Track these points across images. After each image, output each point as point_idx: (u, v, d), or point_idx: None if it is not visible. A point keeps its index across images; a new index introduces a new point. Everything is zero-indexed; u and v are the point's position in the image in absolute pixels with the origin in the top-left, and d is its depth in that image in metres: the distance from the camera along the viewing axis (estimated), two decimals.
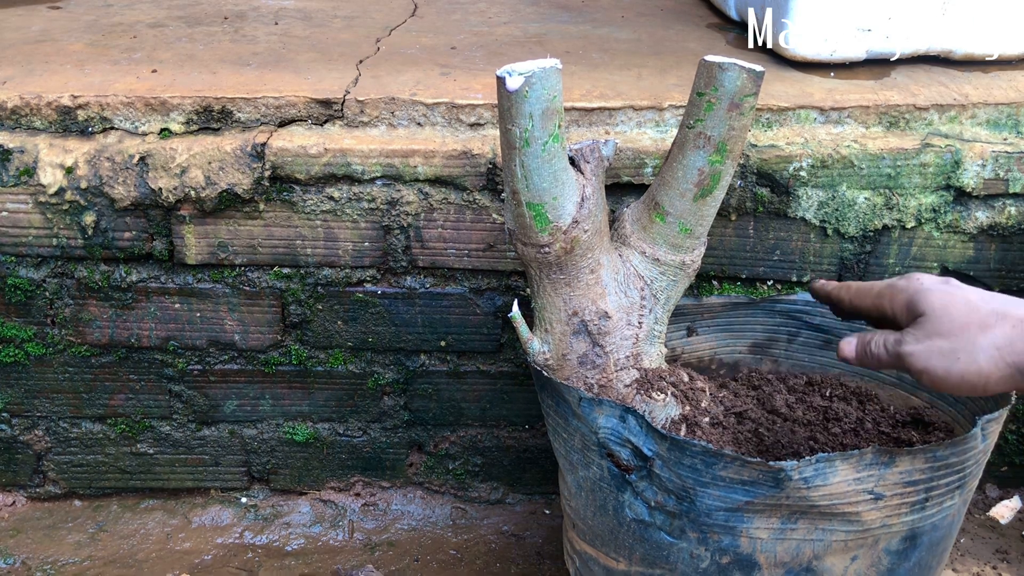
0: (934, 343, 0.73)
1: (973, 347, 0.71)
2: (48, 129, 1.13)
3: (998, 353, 0.70)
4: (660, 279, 0.90)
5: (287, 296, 1.16)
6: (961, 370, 0.71)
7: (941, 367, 0.72)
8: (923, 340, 0.73)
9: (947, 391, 0.73)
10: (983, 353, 0.70)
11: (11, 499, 1.27)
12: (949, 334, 0.72)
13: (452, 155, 1.09)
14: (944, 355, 0.72)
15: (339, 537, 1.23)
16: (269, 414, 1.23)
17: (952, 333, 0.72)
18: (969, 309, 0.72)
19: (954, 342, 0.72)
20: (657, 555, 0.86)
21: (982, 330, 0.71)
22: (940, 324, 0.73)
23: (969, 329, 0.71)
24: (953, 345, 0.72)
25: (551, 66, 0.77)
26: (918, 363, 0.73)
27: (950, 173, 1.11)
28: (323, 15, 1.51)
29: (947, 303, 0.74)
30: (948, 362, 0.71)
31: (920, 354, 0.73)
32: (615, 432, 0.83)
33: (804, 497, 0.78)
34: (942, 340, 0.72)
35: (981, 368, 0.70)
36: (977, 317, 0.72)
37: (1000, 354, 0.70)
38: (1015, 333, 0.70)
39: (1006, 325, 0.71)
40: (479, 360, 1.20)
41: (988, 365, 0.70)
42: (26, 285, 1.15)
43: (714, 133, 0.82)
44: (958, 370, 0.71)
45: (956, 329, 0.72)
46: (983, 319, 0.71)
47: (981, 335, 0.71)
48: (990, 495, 1.28)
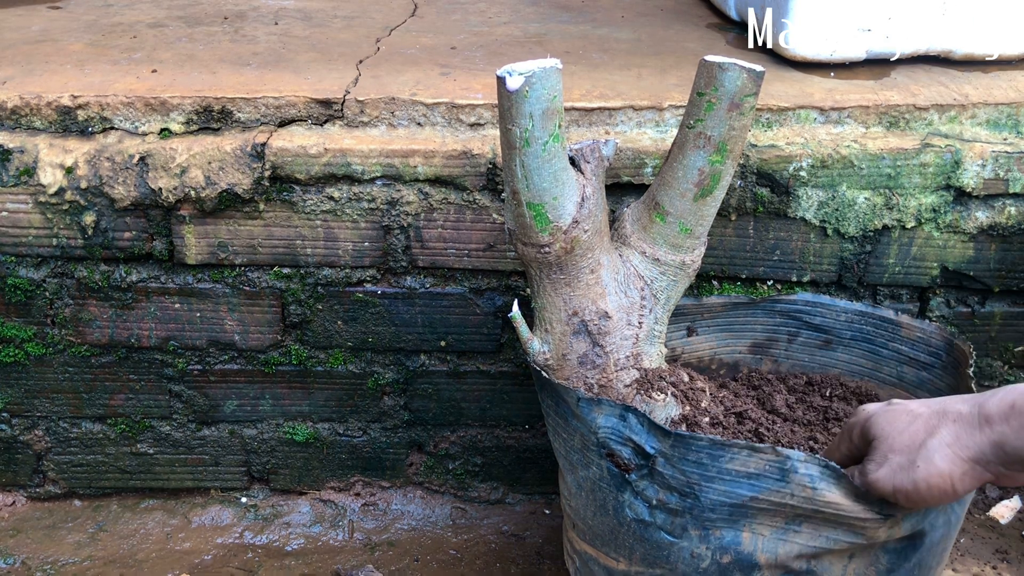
0: (892, 461, 0.74)
1: (926, 451, 0.72)
2: (48, 129, 1.13)
3: (950, 451, 0.71)
4: (660, 279, 0.90)
5: (287, 296, 1.16)
6: (924, 477, 0.72)
7: (907, 481, 0.73)
8: (882, 463, 0.75)
9: (923, 504, 0.74)
10: (937, 454, 0.71)
11: (11, 499, 1.27)
12: (901, 449, 0.74)
13: (452, 155, 1.09)
14: (904, 469, 0.73)
15: (339, 537, 1.23)
16: (269, 414, 1.23)
17: (903, 446, 0.74)
18: (912, 419, 0.74)
19: (908, 454, 0.73)
20: (657, 555, 0.86)
21: (929, 434, 0.72)
22: (892, 442, 0.74)
23: (917, 437, 0.73)
24: (908, 457, 0.73)
25: (551, 66, 0.77)
26: (887, 486, 0.74)
27: (950, 173, 1.11)
28: (323, 15, 1.51)
29: (891, 420, 0.75)
30: (910, 474, 0.72)
31: (884, 477, 0.74)
32: (615, 431, 0.83)
33: (809, 499, 0.78)
34: (897, 456, 0.74)
35: (941, 470, 0.71)
36: (921, 424, 0.73)
37: (952, 451, 0.71)
38: (958, 428, 0.71)
39: (948, 422, 0.72)
40: (479, 360, 1.20)
41: (945, 464, 0.71)
42: (26, 285, 1.15)
43: (714, 133, 0.82)
44: (922, 478, 0.72)
45: (906, 441, 0.73)
46: (927, 424, 0.73)
47: (930, 439, 0.72)
48: (990, 495, 1.28)
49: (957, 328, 1.18)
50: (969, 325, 1.19)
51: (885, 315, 1.06)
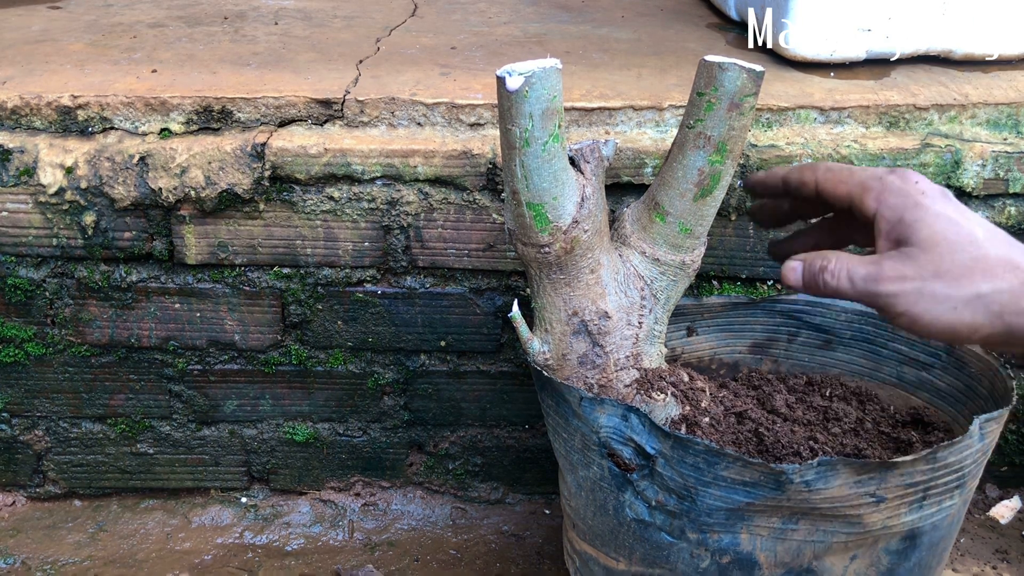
0: (927, 285, 0.62)
1: (974, 298, 0.61)
2: (48, 129, 1.13)
3: (1000, 309, 0.61)
4: (660, 279, 0.90)
5: (287, 296, 1.16)
6: (952, 320, 0.61)
7: (929, 313, 0.62)
8: (911, 280, 0.62)
9: (923, 336, 0.63)
10: (983, 307, 0.61)
11: (11, 499, 1.27)
12: (948, 277, 0.61)
13: (452, 155, 1.09)
14: (937, 300, 0.61)
15: (339, 537, 1.23)
16: (269, 414, 1.23)
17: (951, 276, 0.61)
18: (975, 249, 0.62)
19: (952, 288, 0.61)
20: (657, 555, 0.86)
21: (986, 279, 0.61)
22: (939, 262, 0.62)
23: (973, 276, 0.61)
24: (950, 291, 0.61)
25: (551, 66, 0.77)
26: (899, 306, 0.62)
27: (950, 173, 1.11)
28: (323, 15, 1.51)
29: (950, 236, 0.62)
30: (940, 309, 0.61)
31: (906, 295, 0.62)
32: (617, 431, 0.83)
33: (805, 500, 0.78)
34: (938, 283, 0.62)
35: (975, 320, 0.61)
36: (984, 262, 0.61)
37: (1002, 310, 0.61)
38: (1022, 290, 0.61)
39: (1014, 279, 0.61)
40: (479, 360, 1.20)
41: (984, 319, 0.61)
42: (26, 285, 1.15)
43: (714, 133, 0.82)
44: (948, 319, 0.61)
45: (957, 273, 0.61)
46: (990, 266, 0.61)
47: (985, 284, 0.61)
48: (990, 495, 1.28)
49: None
50: None
51: None
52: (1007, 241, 0.63)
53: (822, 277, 0.66)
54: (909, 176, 0.66)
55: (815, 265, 0.67)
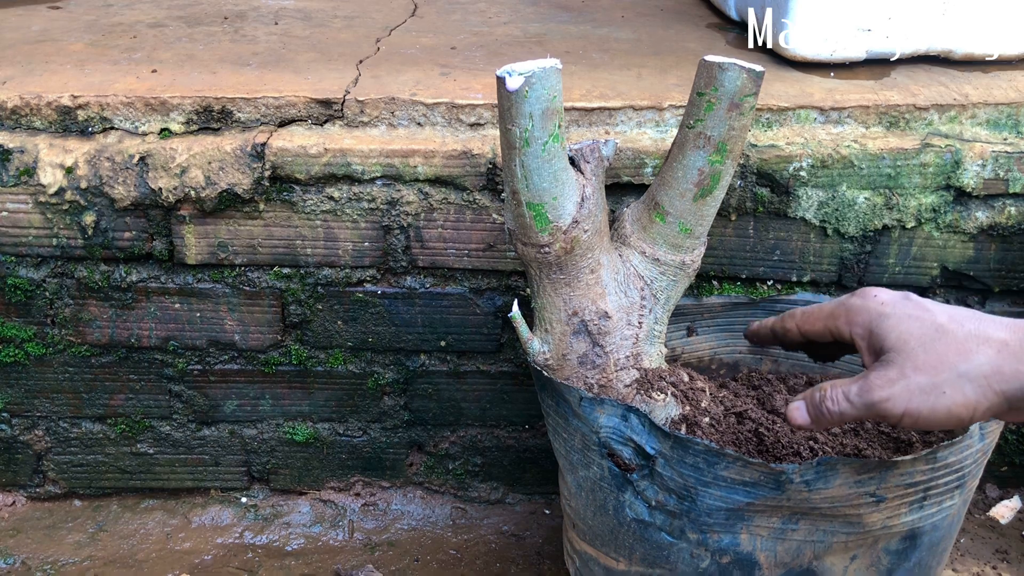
0: (911, 381, 0.65)
1: (957, 378, 0.64)
2: (48, 129, 1.13)
3: (986, 382, 0.64)
4: (660, 279, 0.90)
5: (287, 296, 1.16)
6: (948, 405, 0.64)
7: (926, 406, 0.65)
8: (897, 381, 0.66)
9: (928, 428, 0.67)
10: (970, 385, 0.64)
11: (11, 499, 1.27)
12: (927, 368, 0.65)
13: (452, 155, 1.09)
14: (926, 392, 0.65)
15: (339, 537, 1.23)
16: (269, 414, 1.23)
17: (930, 367, 0.65)
18: (940, 335, 0.66)
19: (935, 376, 0.65)
20: (657, 555, 0.86)
21: (963, 358, 0.65)
22: (915, 358, 0.66)
23: (948, 359, 0.65)
24: (934, 380, 0.65)
25: (551, 66, 0.77)
26: (897, 407, 0.66)
27: (950, 173, 1.11)
28: (323, 15, 1.51)
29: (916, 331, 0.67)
30: (932, 399, 0.65)
31: (898, 396, 0.66)
32: (617, 431, 0.83)
33: (805, 499, 0.78)
34: (920, 376, 0.65)
35: (968, 399, 0.64)
36: (955, 344, 0.65)
37: (988, 382, 0.64)
38: (1001, 358, 0.64)
39: (989, 350, 0.65)
40: (479, 360, 1.20)
41: (976, 395, 0.64)
42: (26, 285, 1.15)
43: (714, 133, 0.82)
44: (944, 406, 0.64)
45: (934, 361, 0.65)
46: (961, 345, 0.65)
47: (963, 363, 0.65)
48: (990, 495, 1.28)
49: None
50: None
51: None
52: (973, 317, 0.67)
53: (824, 407, 0.70)
54: (868, 292, 0.72)
55: (815, 398, 0.71)
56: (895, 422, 0.67)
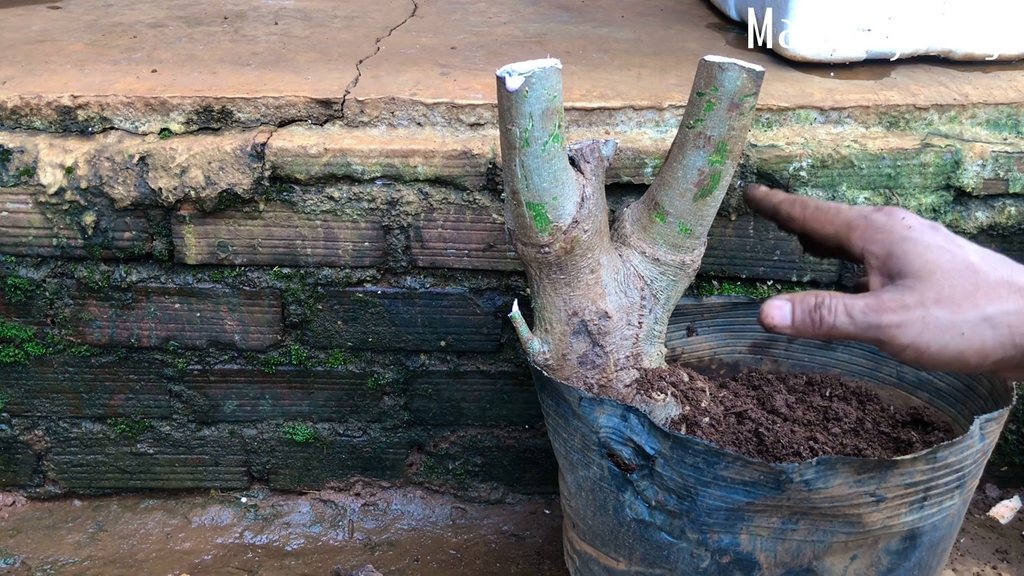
0: (930, 313, 0.60)
1: (981, 321, 0.59)
2: (48, 129, 1.13)
3: (1008, 331, 0.59)
4: (660, 279, 0.90)
5: (287, 296, 1.16)
6: (961, 347, 0.60)
7: (937, 342, 0.60)
8: (914, 308, 0.60)
9: (933, 368, 0.61)
10: (992, 330, 0.59)
11: (11, 499, 1.27)
12: (950, 302, 0.60)
13: (452, 155, 1.09)
14: (943, 328, 0.60)
15: (339, 537, 1.23)
16: (269, 414, 1.23)
17: (954, 302, 0.60)
18: (974, 274, 0.61)
19: (957, 313, 0.60)
20: (657, 555, 0.86)
21: (991, 301, 0.59)
22: (938, 289, 0.60)
23: (976, 299, 0.60)
24: (955, 317, 0.59)
25: (551, 66, 0.77)
26: (904, 337, 0.60)
27: (950, 173, 1.11)
28: (323, 15, 1.51)
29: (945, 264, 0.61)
30: (947, 337, 0.60)
31: (910, 326, 0.60)
32: (617, 431, 0.83)
33: (805, 499, 0.78)
34: (941, 310, 0.60)
35: (985, 345, 0.59)
36: (985, 286, 0.60)
37: (1011, 331, 0.59)
38: None
39: (1020, 299, 0.59)
40: (479, 360, 1.20)
41: (994, 343, 0.59)
42: (26, 285, 1.15)
43: (714, 133, 0.82)
44: (956, 346, 0.59)
45: (959, 298, 0.60)
46: (992, 289, 0.60)
47: (990, 306, 0.59)
48: (990, 495, 1.28)
49: None
50: None
51: None
52: (1005, 263, 0.62)
53: (818, 314, 0.64)
54: (895, 212, 0.66)
55: (808, 302, 0.65)
56: (895, 352, 0.61)
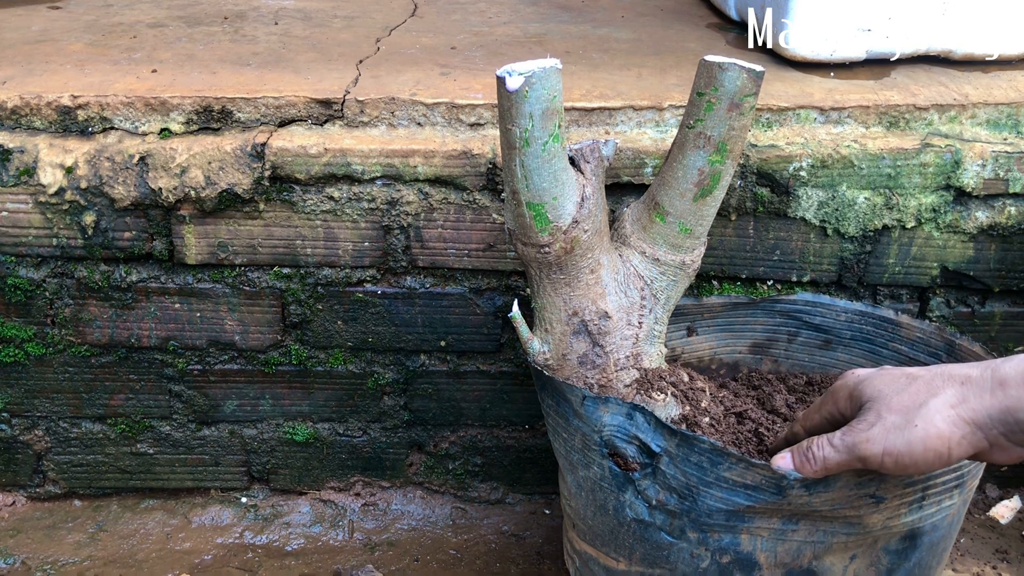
0: (886, 421, 0.70)
1: (927, 411, 0.68)
2: (48, 129, 1.13)
3: (954, 412, 0.68)
4: (660, 279, 0.90)
5: (287, 296, 1.16)
6: (922, 438, 0.68)
7: (901, 441, 0.69)
8: (875, 423, 0.71)
9: (912, 469, 0.70)
10: (938, 415, 0.68)
11: (11, 499, 1.27)
12: (899, 408, 0.70)
13: (452, 155, 1.09)
14: (899, 428, 0.69)
15: (339, 537, 1.23)
16: (269, 414, 1.23)
17: (901, 406, 0.70)
18: (912, 380, 0.71)
19: (906, 414, 0.69)
20: (657, 555, 0.86)
21: (931, 394, 0.69)
22: (888, 402, 0.71)
23: (917, 397, 0.70)
24: (905, 417, 0.69)
25: (551, 66, 0.77)
26: (876, 446, 0.70)
27: (950, 173, 1.11)
28: (323, 15, 1.51)
29: (889, 383, 0.72)
30: (904, 434, 0.69)
31: (876, 436, 0.70)
32: (622, 429, 0.83)
33: (806, 503, 0.78)
34: (894, 415, 0.70)
35: (940, 431, 0.68)
36: (922, 385, 0.70)
37: (956, 412, 0.68)
38: (965, 390, 0.68)
39: (954, 384, 0.69)
40: (479, 360, 1.20)
41: (946, 426, 0.68)
42: (26, 285, 1.15)
43: (714, 133, 0.82)
44: (918, 439, 0.68)
45: (905, 401, 0.70)
46: (928, 385, 0.70)
47: (932, 399, 0.69)
48: (990, 495, 1.28)
49: (957, 328, 1.18)
50: (969, 325, 1.19)
51: (885, 315, 1.06)
52: (943, 366, 0.72)
53: (810, 453, 0.75)
54: (847, 374, 0.78)
55: (802, 446, 0.76)
56: (877, 465, 0.71)
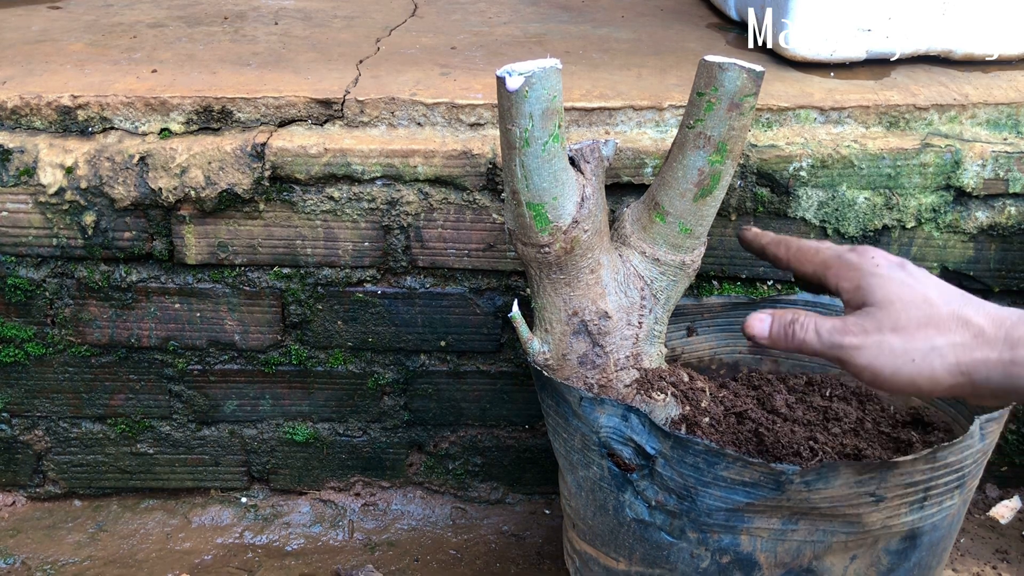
0: (885, 339, 0.66)
1: (930, 350, 0.65)
2: (48, 129, 1.13)
3: (954, 360, 0.65)
4: (660, 279, 0.90)
5: (287, 296, 1.16)
6: (912, 373, 0.65)
7: (890, 366, 0.66)
8: (872, 333, 0.67)
9: (887, 390, 0.67)
10: (940, 359, 0.65)
11: (11, 499, 1.27)
12: (904, 331, 0.66)
13: (452, 155, 1.09)
14: (895, 354, 0.66)
15: (339, 537, 1.23)
16: (269, 414, 1.23)
17: (907, 331, 0.66)
18: (928, 307, 0.67)
19: (909, 342, 0.66)
20: (657, 555, 0.86)
21: (940, 333, 0.65)
22: (895, 318, 0.67)
23: (927, 330, 0.66)
24: (907, 345, 0.65)
25: (551, 66, 0.77)
26: (861, 359, 0.66)
27: (950, 173, 1.11)
28: (323, 15, 1.51)
29: (904, 296, 0.67)
30: (899, 362, 0.65)
31: (867, 349, 0.66)
32: (617, 431, 0.83)
33: (805, 500, 0.78)
34: (895, 337, 0.66)
35: (935, 373, 0.65)
36: (937, 318, 0.66)
37: (956, 361, 0.65)
38: (975, 342, 0.65)
39: (966, 332, 0.65)
40: (479, 360, 1.20)
41: (942, 371, 0.65)
42: (26, 285, 1.15)
43: (714, 133, 0.82)
44: (908, 372, 0.65)
45: (912, 327, 0.66)
46: (943, 321, 0.66)
47: (939, 338, 0.65)
48: (990, 495, 1.28)
49: None
50: None
51: None
52: (960, 298, 0.68)
53: (792, 328, 0.71)
54: (866, 251, 0.72)
55: (785, 318, 0.71)
56: (854, 372, 0.67)
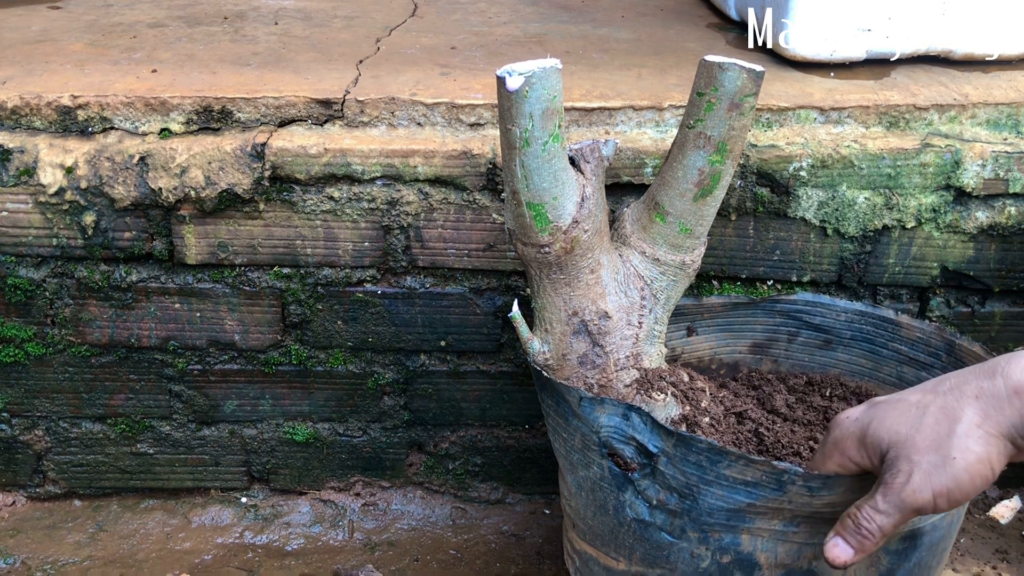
0: (922, 465, 0.66)
1: (959, 440, 0.65)
2: (48, 129, 1.13)
3: (982, 431, 0.65)
4: (660, 279, 0.90)
5: (287, 296, 1.16)
6: (965, 467, 0.65)
7: (947, 479, 0.65)
8: (912, 472, 0.66)
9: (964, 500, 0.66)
10: (970, 439, 0.65)
11: (11, 499, 1.27)
12: (928, 447, 0.66)
13: (452, 155, 1.09)
14: (939, 467, 0.65)
15: (339, 537, 1.23)
16: (269, 414, 1.23)
17: (930, 443, 0.66)
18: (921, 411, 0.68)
19: (939, 449, 0.66)
20: (657, 555, 0.86)
21: (953, 421, 0.66)
22: (914, 443, 0.67)
23: (940, 428, 0.66)
24: (940, 453, 0.65)
25: (551, 66, 0.77)
26: (925, 494, 0.66)
27: (950, 173, 1.11)
28: (323, 15, 1.51)
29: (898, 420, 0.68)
30: (949, 470, 0.65)
31: (920, 485, 0.66)
32: (618, 430, 0.83)
33: (807, 503, 0.78)
34: (928, 456, 0.66)
35: (979, 454, 0.65)
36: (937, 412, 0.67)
37: (984, 431, 0.65)
38: (985, 405, 0.66)
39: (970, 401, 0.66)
40: (479, 360, 1.20)
41: (982, 447, 0.65)
42: (26, 285, 1.15)
43: (714, 133, 0.82)
44: (962, 469, 0.65)
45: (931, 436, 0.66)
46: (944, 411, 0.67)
47: (956, 425, 0.66)
48: (990, 495, 1.28)
49: (957, 328, 1.18)
50: (969, 325, 1.19)
51: (885, 315, 1.06)
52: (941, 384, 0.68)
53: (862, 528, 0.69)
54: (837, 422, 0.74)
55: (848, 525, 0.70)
56: (931, 508, 0.67)
